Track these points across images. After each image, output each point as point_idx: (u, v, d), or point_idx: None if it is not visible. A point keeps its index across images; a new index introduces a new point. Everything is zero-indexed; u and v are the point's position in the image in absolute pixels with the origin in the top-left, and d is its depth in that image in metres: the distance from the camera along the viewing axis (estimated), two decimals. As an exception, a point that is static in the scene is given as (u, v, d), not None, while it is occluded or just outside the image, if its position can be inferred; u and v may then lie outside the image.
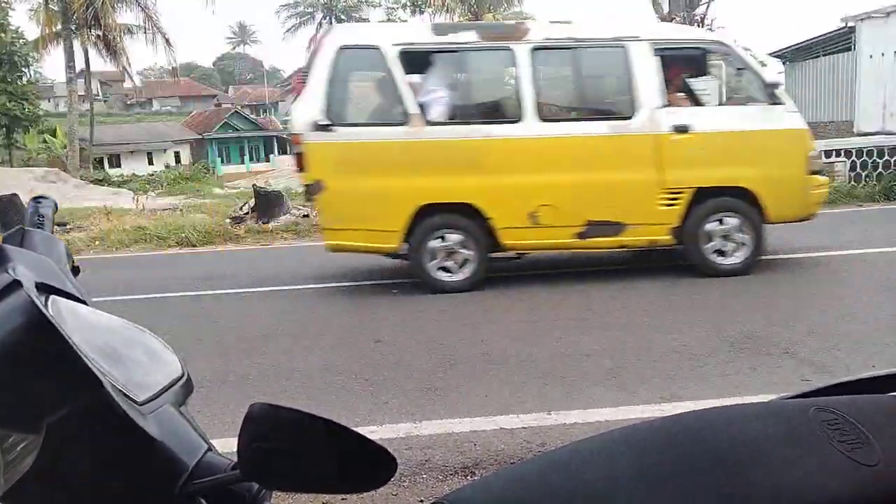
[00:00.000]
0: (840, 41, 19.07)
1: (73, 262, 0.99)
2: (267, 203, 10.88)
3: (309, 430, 0.58)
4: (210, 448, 0.69)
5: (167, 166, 37.61)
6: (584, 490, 0.58)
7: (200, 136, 44.48)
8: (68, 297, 0.79)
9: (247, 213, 11.07)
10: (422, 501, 2.55)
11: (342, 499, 2.57)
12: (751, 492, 0.56)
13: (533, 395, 3.48)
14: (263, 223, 10.44)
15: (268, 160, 44.61)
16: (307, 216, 10.92)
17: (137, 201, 13.67)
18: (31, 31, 37.41)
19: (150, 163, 40.47)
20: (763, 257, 5.78)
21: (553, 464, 0.63)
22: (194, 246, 9.57)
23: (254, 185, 12.15)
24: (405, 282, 6.23)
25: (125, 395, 0.66)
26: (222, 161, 43.45)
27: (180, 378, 0.77)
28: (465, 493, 0.62)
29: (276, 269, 7.61)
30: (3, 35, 27.03)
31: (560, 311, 5.01)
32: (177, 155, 42.79)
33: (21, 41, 28.53)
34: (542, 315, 4.90)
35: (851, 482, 0.57)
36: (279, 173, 28.87)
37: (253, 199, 11.24)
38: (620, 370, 3.77)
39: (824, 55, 20.11)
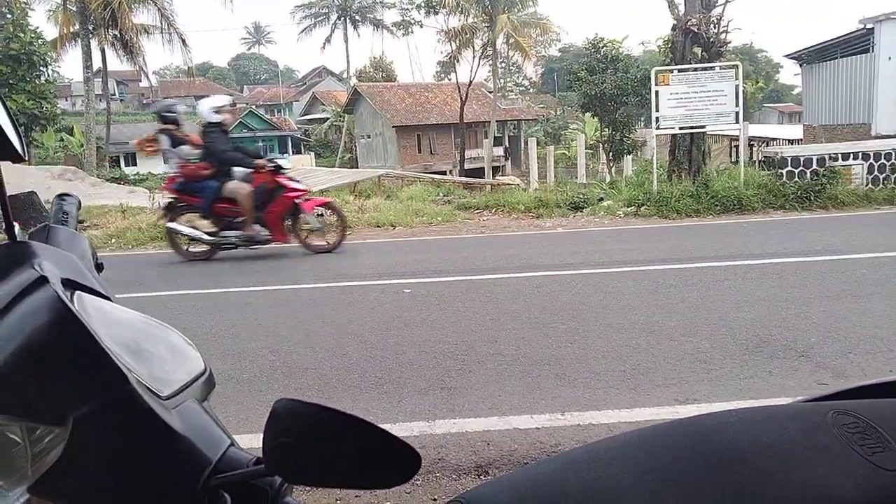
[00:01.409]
0: (858, 43, 18.89)
1: (96, 258, 1.00)
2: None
3: (333, 426, 0.58)
4: (232, 443, 0.70)
5: (183, 165, 37.75)
6: (600, 490, 0.58)
7: (215, 136, 44.68)
8: (93, 293, 0.80)
9: (261, 213, 11.09)
10: (435, 500, 2.56)
11: (356, 495, 2.58)
12: (764, 491, 0.56)
13: (546, 396, 3.48)
14: (277, 222, 10.45)
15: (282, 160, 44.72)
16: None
17: (153, 200, 13.74)
18: (50, 31, 37.78)
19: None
20: (779, 260, 5.69)
21: (568, 464, 0.63)
22: (209, 244, 9.60)
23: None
24: (417, 281, 6.24)
25: (149, 389, 0.67)
26: (237, 160, 43.54)
27: (203, 374, 0.78)
28: (481, 492, 0.62)
29: (289, 267, 7.66)
30: (22, 35, 27.27)
31: (573, 311, 4.99)
32: (192, 154, 43.04)
33: (40, 41, 28.77)
34: (555, 316, 4.89)
35: (871, 486, 0.57)
36: (294, 173, 28.91)
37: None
38: (634, 372, 3.76)
39: (842, 57, 19.92)
